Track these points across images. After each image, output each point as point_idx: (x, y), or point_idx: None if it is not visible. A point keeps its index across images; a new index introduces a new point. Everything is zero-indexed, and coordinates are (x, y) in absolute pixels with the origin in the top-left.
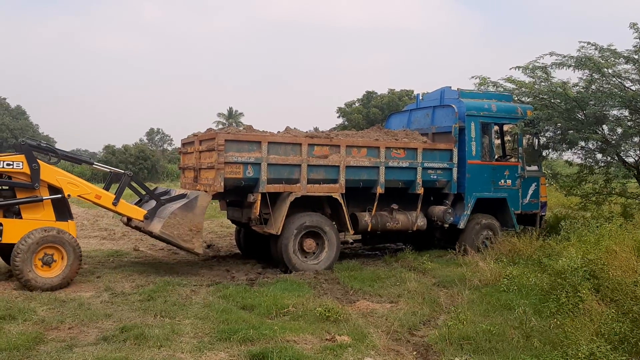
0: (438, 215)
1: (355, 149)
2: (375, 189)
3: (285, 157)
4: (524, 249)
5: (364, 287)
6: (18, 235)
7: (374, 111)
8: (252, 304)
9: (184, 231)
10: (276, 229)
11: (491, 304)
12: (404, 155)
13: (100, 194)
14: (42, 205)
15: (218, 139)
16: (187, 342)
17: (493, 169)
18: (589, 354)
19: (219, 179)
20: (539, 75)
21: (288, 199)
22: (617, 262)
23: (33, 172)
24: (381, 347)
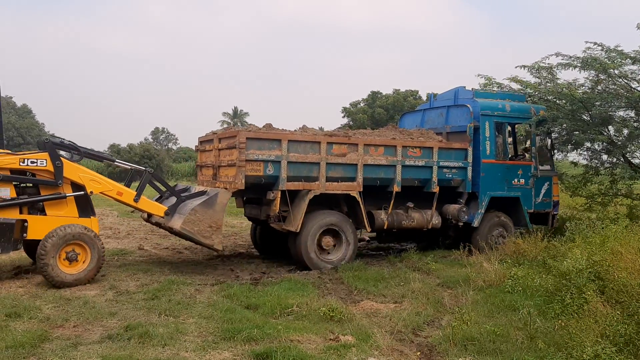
0: (453, 214)
1: (373, 147)
2: (391, 187)
3: (304, 155)
4: (529, 250)
5: (368, 287)
6: (43, 231)
7: (379, 111)
8: (256, 304)
9: (204, 227)
10: (295, 226)
11: (495, 304)
12: (420, 154)
13: (122, 190)
14: (65, 202)
15: (240, 137)
16: (191, 341)
17: (507, 168)
18: (594, 355)
19: (240, 177)
20: (544, 75)
21: (307, 196)
22: (622, 263)
23: (56, 169)
24: (385, 348)
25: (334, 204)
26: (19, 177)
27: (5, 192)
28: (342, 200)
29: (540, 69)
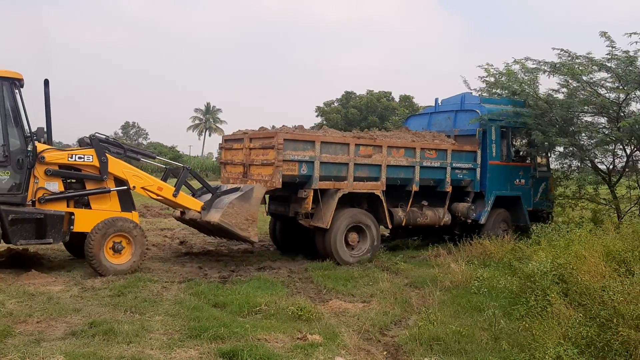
0: (462, 212)
1: (395, 149)
2: (410, 187)
3: (335, 156)
4: (495, 252)
5: (337, 286)
6: (88, 224)
7: (353, 111)
8: (224, 302)
9: (240, 220)
10: (326, 223)
11: (461, 305)
12: (436, 156)
13: (162, 186)
14: (109, 196)
15: (278, 138)
16: (156, 339)
17: (510, 169)
18: (556, 357)
19: (278, 176)
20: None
21: (336, 195)
22: (585, 267)
23: (102, 164)
24: (352, 347)
25: (356, 202)
26: (68, 172)
27: (56, 186)
28: (363, 198)
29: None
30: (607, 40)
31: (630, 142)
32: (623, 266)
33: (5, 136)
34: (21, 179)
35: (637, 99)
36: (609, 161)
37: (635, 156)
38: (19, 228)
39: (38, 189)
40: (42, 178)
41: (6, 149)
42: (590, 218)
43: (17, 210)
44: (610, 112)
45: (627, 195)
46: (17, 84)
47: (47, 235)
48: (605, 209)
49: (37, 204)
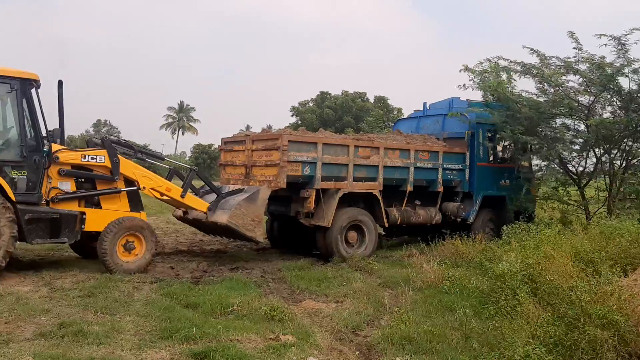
0: (452, 211)
1: (391, 151)
2: (405, 187)
3: (335, 157)
4: (467, 252)
5: (310, 286)
6: (98, 223)
7: (328, 112)
8: (196, 303)
9: (247, 221)
10: (327, 222)
11: (433, 305)
12: (428, 157)
13: (170, 187)
14: (119, 196)
15: (282, 140)
16: (127, 340)
17: (496, 170)
18: (525, 356)
19: (283, 176)
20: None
21: (337, 195)
22: (554, 267)
23: (114, 165)
24: (325, 347)
25: (353, 202)
26: (81, 173)
27: (68, 186)
28: (360, 198)
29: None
30: (575, 42)
31: (597, 143)
32: (590, 266)
33: (23, 137)
34: (37, 178)
35: (606, 102)
36: (578, 162)
37: (604, 159)
38: (34, 227)
39: (51, 189)
40: (56, 178)
41: (24, 149)
42: (559, 219)
43: (33, 210)
44: (579, 114)
45: (596, 196)
46: (33, 84)
47: (61, 234)
48: (574, 210)
49: (50, 203)
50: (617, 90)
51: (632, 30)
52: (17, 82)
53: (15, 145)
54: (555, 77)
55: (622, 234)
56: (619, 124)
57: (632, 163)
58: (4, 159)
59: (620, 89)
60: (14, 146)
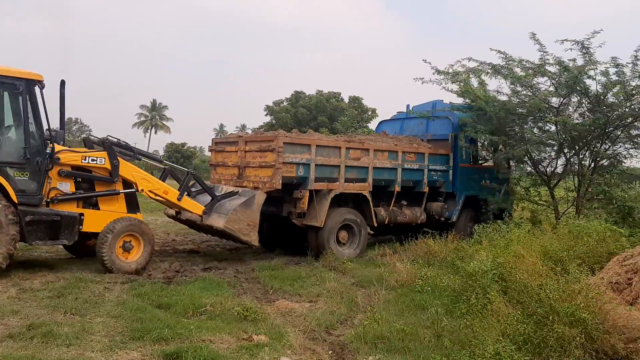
0: (437, 211)
1: (380, 152)
2: (393, 187)
3: (328, 158)
4: (439, 251)
5: (284, 286)
6: (96, 224)
7: (302, 111)
8: (168, 303)
9: (243, 226)
10: (320, 222)
11: (406, 304)
12: (415, 159)
13: (168, 189)
14: (117, 197)
15: (278, 142)
16: (97, 341)
17: (477, 171)
18: (495, 353)
19: (278, 177)
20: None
21: (329, 195)
22: (524, 265)
23: (113, 167)
24: (298, 347)
25: (343, 202)
26: (81, 174)
27: (67, 187)
28: (350, 199)
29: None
30: (537, 43)
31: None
32: (559, 265)
33: (26, 138)
34: (39, 180)
35: (575, 104)
36: (548, 163)
37: (573, 160)
38: (34, 229)
39: (51, 189)
40: (55, 179)
41: (27, 150)
42: (529, 218)
43: (34, 211)
44: (549, 115)
45: (565, 197)
46: (38, 85)
47: (60, 236)
48: (544, 210)
49: (50, 204)
50: (584, 92)
51: (593, 33)
52: (22, 83)
53: (19, 146)
54: (527, 79)
55: (590, 234)
56: (585, 125)
57: (600, 164)
58: (8, 160)
59: (587, 91)
60: (17, 147)
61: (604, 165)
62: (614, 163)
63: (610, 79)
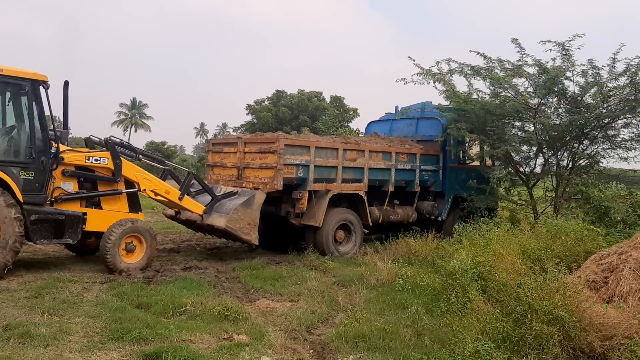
0: (427, 210)
1: (375, 153)
2: (386, 187)
3: (326, 159)
4: (420, 250)
5: (265, 285)
6: (99, 224)
7: (284, 110)
8: (148, 303)
9: (244, 225)
10: (318, 222)
11: (387, 302)
12: (407, 159)
13: (169, 189)
14: (119, 197)
15: (279, 144)
16: (76, 342)
17: (465, 171)
18: (474, 351)
19: (279, 178)
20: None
21: (327, 196)
22: (503, 264)
23: (116, 167)
24: (278, 346)
25: (338, 202)
26: (84, 174)
27: (71, 187)
28: (345, 199)
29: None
30: (518, 47)
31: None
32: (537, 264)
33: (32, 138)
34: (43, 179)
35: (553, 105)
36: (526, 163)
37: (551, 160)
38: (39, 227)
39: (55, 189)
40: (59, 178)
41: (33, 150)
42: (508, 218)
43: (39, 210)
44: (527, 116)
45: (544, 196)
46: (43, 85)
47: (64, 235)
48: (522, 209)
49: (54, 203)
50: (562, 93)
51: (575, 36)
52: (28, 83)
53: (25, 146)
54: (507, 80)
55: (568, 233)
56: (564, 125)
57: (578, 164)
58: (14, 159)
59: (565, 92)
60: (23, 147)
61: (582, 165)
62: (592, 163)
63: (588, 81)
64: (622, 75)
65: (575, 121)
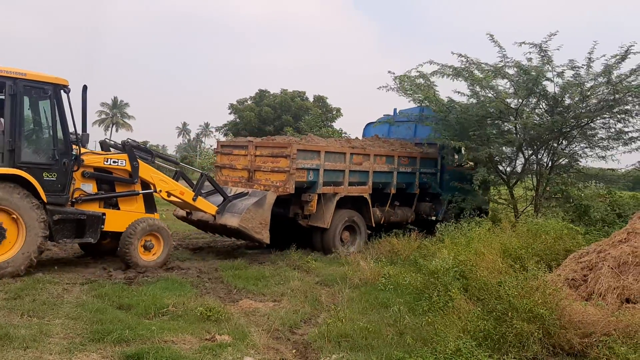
0: (425, 211)
1: (379, 157)
2: (388, 189)
3: (335, 163)
4: (402, 250)
5: (247, 286)
6: (117, 224)
7: (267, 110)
8: (130, 304)
9: (256, 224)
10: (326, 223)
11: (369, 302)
12: (408, 162)
13: (184, 190)
14: (136, 198)
15: (292, 149)
16: (56, 343)
17: (460, 173)
18: (456, 350)
19: (291, 182)
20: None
21: (335, 198)
22: (484, 263)
23: (133, 169)
24: (261, 346)
25: (343, 204)
26: (103, 175)
27: (90, 188)
28: (349, 200)
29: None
30: (497, 45)
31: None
32: (518, 262)
33: (55, 140)
34: (65, 181)
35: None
36: (507, 163)
37: (531, 160)
38: (61, 227)
39: (75, 190)
40: (79, 179)
41: (56, 152)
42: (489, 217)
43: (61, 210)
44: (508, 117)
45: (524, 195)
46: (64, 89)
47: (85, 234)
48: (503, 209)
49: (75, 204)
50: (543, 94)
51: (550, 36)
52: (50, 87)
53: (49, 148)
54: (486, 81)
55: (548, 232)
56: (544, 126)
57: (557, 163)
58: (39, 161)
59: (546, 92)
60: (47, 149)
61: (561, 164)
62: (571, 162)
63: (567, 81)
64: (600, 76)
65: (557, 122)
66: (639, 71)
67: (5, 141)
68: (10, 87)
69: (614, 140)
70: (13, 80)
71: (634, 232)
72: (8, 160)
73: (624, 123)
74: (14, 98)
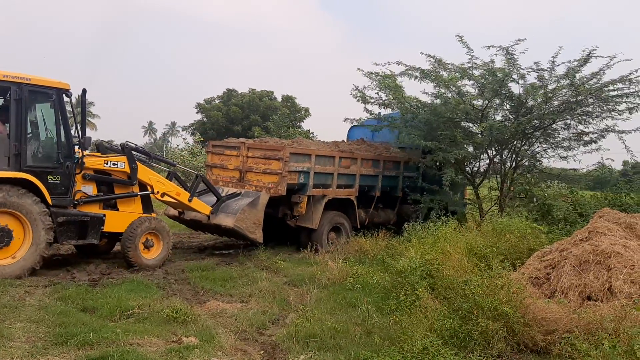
0: (407, 213)
1: (366, 161)
2: (374, 192)
3: (324, 167)
4: (370, 249)
5: (215, 287)
6: (116, 224)
7: (234, 109)
8: (94, 306)
9: (250, 224)
10: (315, 224)
11: (337, 301)
12: (392, 167)
13: (180, 191)
14: (134, 199)
15: (285, 152)
16: (17, 347)
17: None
18: (423, 348)
19: (283, 184)
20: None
21: (323, 200)
22: (450, 262)
23: (132, 171)
24: (228, 348)
25: (331, 206)
26: (103, 177)
27: (90, 190)
28: (336, 202)
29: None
30: (465, 46)
31: (490, 145)
32: (483, 261)
33: (59, 144)
34: (69, 183)
35: (498, 106)
36: (472, 164)
37: (495, 160)
38: (65, 229)
39: (76, 192)
40: (80, 182)
41: (60, 155)
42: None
43: (65, 212)
44: (474, 118)
45: (489, 195)
46: (66, 93)
47: (88, 235)
48: (469, 208)
49: (77, 206)
50: (508, 95)
51: (518, 41)
52: (54, 92)
53: (53, 151)
54: (452, 82)
55: (512, 231)
56: (509, 127)
57: (521, 164)
58: (44, 165)
59: (512, 94)
60: (51, 153)
61: (525, 164)
62: (534, 162)
63: (532, 84)
64: (563, 78)
65: (522, 124)
66: (600, 74)
67: (11, 145)
68: (15, 92)
69: (575, 141)
70: (18, 85)
71: (595, 231)
72: (14, 164)
73: (584, 124)
74: (19, 103)
